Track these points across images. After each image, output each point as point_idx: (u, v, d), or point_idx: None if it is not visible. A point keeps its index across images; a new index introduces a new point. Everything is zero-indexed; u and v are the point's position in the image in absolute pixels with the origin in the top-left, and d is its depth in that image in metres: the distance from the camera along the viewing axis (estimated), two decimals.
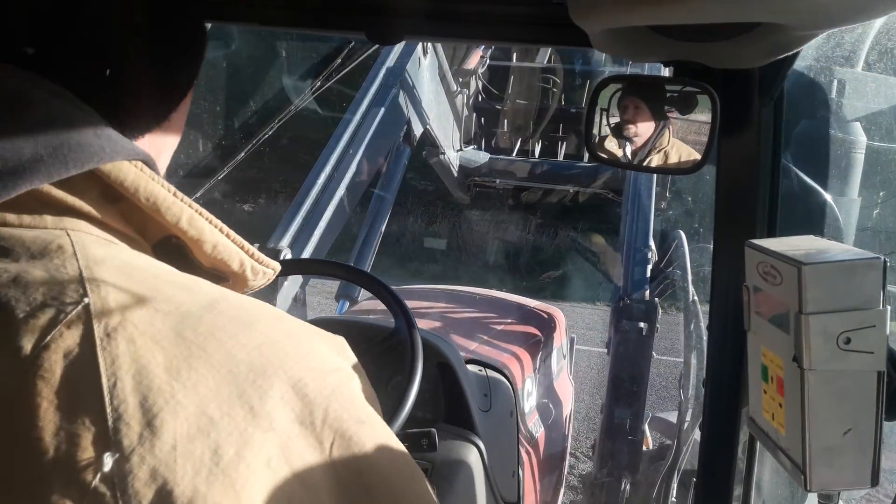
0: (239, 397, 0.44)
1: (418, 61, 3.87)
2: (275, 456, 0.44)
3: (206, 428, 0.41)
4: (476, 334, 2.56)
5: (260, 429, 0.44)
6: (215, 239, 0.55)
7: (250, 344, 0.47)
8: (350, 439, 0.49)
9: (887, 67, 1.78)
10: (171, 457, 0.40)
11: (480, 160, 5.22)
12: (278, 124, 3.91)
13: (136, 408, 0.40)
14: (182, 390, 0.42)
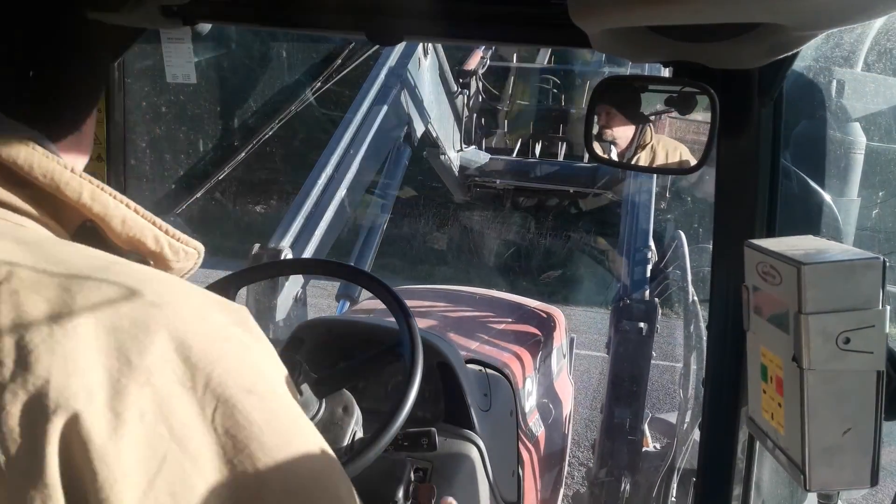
0: (118, 349, 0.44)
1: (419, 62, 3.87)
2: (149, 411, 0.44)
3: (81, 370, 0.42)
4: (476, 334, 2.57)
5: (136, 382, 0.44)
6: (122, 213, 0.55)
7: (139, 301, 0.47)
8: (234, 407, 0.47)
9: (886, 68, 1.78)
10: (41, 392, 0.40)
11: (481, 160, 5.22)
12: (278, 125, 3.91)
13: (11, 347, 0.41)
14: (61, 331, 0.42)
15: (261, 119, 4.18)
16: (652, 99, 1.32)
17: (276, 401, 0.51)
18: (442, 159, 4.65)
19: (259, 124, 4.06)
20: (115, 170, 1.68)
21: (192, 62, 1.68)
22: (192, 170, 6.99)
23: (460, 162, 5.00)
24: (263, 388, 0.51)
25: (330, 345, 1.86)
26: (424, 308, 2.83)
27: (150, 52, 1.96)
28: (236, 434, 0.47)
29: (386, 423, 1.24)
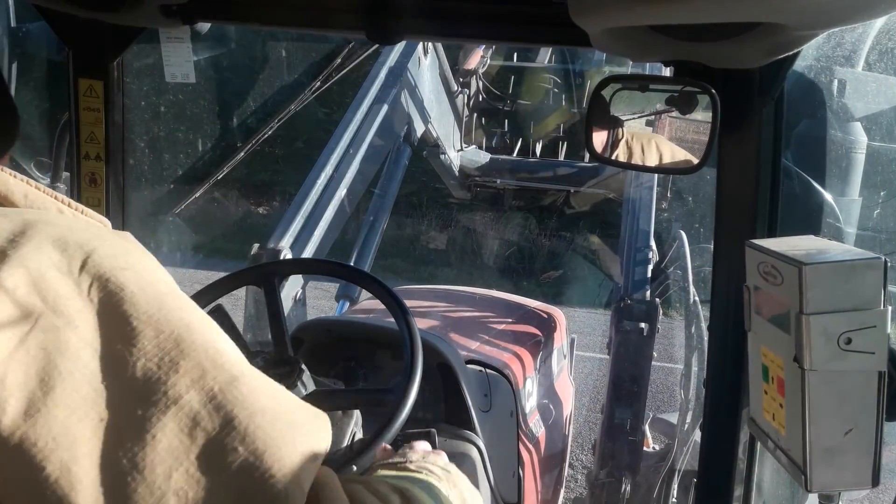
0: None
1: (419, 61, 3.87)
2: (22, 285, 0.49)
3: None
4: (476, 334, 2.56)
5: (9, 266, 0.50)
6: (23, 189, 0.60)
7: (19, 217, 0.54)
8: (108, 280, 0.52)
9: (888, 67, 1.78)
10: None
11: (481, 160, 5.22)
12: (278, 124, 3.91)
13: None
14: None
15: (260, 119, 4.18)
16: (653, 98, 1.32)
17: (151, 275, 0.56)
18: (442, 159, 4.64)
19: (258, 124, 4.06)
20: (113, 169, 1.67)
21: (192, 62, 1.68)
22: (191, 170, 6.99)
23: (460, 161, 4.99)
24: (139, 268, 0.56)
25: (329, 345, 1.86)
26: (424, 308, 2.82)
27: (149, 51, 1.96)
28: (109, 300, 0.52)
29: (385, 425, 1.24)
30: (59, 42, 1.60)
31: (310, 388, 1.31)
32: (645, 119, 1.36)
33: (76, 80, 1.60)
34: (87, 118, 1.63)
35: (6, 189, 0.59)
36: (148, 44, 1.68)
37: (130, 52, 1.61)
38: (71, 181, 1.69)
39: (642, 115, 1.35)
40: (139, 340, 0.51)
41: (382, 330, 1.84)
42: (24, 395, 0.46)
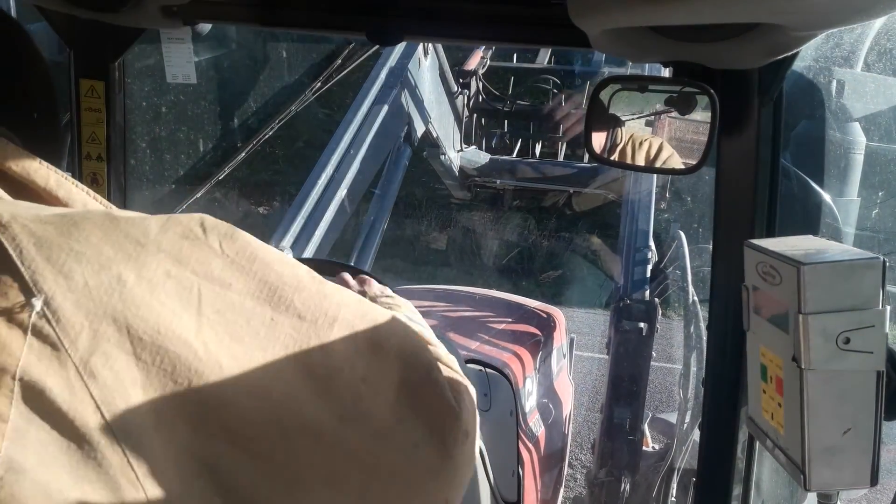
0: (126, 237, 0.54)
1: (419, 62, 3.87)
2: (172, 267, 0.54)
3: (106, 263, 0.51)
4: (476, 334, 2.56)
5: (149, 253, 0.54)
6: (83, 199, 0.63)
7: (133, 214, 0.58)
8: (233, 236, 0.59)
9: (886, 68, 1.78)
10: (85, 289, 0.50)
11: (481, 160, 5.22)
12: (278, 125, 3.91)
13: (44, 263, 0.50)
14: (77, 243, 0.51)
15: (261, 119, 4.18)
16: (652, 99, 1.32)
17: (260, 240, 0.62)
18: (442, 159, 4.64)
19: (259, 124, 4.06)
20: (115, 170, 1.68)
21: (193, 62, 1.68)
22: (192, 170, 6.99)
23: (460, 162, 4.99)
24: (248, 234, 0.61)
25: None
26: (424, 308, 2.82)
27: (150, 51, 1.96)
28: (242, 253, 0.58)
29: None
30: (59, 43, 1.60)
31: None
32: (644, 120, 1.36)
33: (77, 81, 1.61)
34: (88, 119, 1.63)
35: (68, 197, 0.63)
36: (149, 44, 1.69)
37: (132, 52, 1.62)
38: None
39: (641, 115, 1.36)
40: (281, 286, 0.60)
41: None
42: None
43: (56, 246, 0.51)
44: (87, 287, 0.50)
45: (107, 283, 0.51)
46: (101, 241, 0.52)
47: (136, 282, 0.52)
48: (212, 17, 1.51)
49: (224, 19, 1.53)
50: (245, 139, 3.89)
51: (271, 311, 0.58)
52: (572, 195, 5.43)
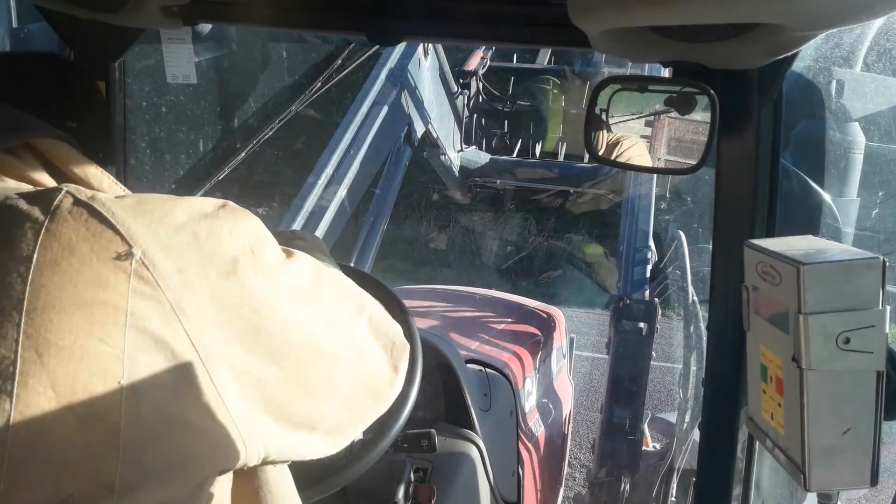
0: (190, 206, 0.66)
1: (419, 62, 3.87)
2: (234, 226, 0.68)
3: (182, 225, 0.63)
4: (476, 334, 2.57)
5: (213, 218, 0.66)
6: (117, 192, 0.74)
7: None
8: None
9: (886, 68, 1.78)
10: (170, 244, 0.62)
11: (481, 161, 5.22)
12: (278, 125, 3.91)
13: (134, 224, 0.60)
14: (153, 211, 0.63)
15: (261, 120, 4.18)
16: (651, 99, 1.32)
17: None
18: (442, 160, 4.64)
19: (259, 125, 4.06)
20: (115, 170, 1.68)
21: (193, 62, 1.68)
22: (192, 170, 6.99)
23: (461, 162, 4.99)
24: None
25: None
26: (424, 308, 2.83)
27: (150, 52, 1.96)
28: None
29: (385, 425, 1.24)
30: (60, 43, 1.61)
31: None
32: (644, 120, 1.37)
33: None
34: None
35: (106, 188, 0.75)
36: (149, 45, 1.69)
37: (132, 53, 1.62)
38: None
39: (641, 115, 1.36)
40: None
41: None
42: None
43: (139, 212, 0.62)
44: (171, 243, 0.61)
45: (185, 239, 0.63)
46: (172, 209, 0.64)
47: (206, 238, 0.64)
48: (212, 17, 1.51)
49: (224, 19, 1.53)
50: (245, 140, 3.88)
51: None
52: (571, 194, 5.43)
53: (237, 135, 6.89)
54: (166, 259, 0.60)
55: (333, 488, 1.21)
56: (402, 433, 1.34)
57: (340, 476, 1.21)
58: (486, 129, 5.69)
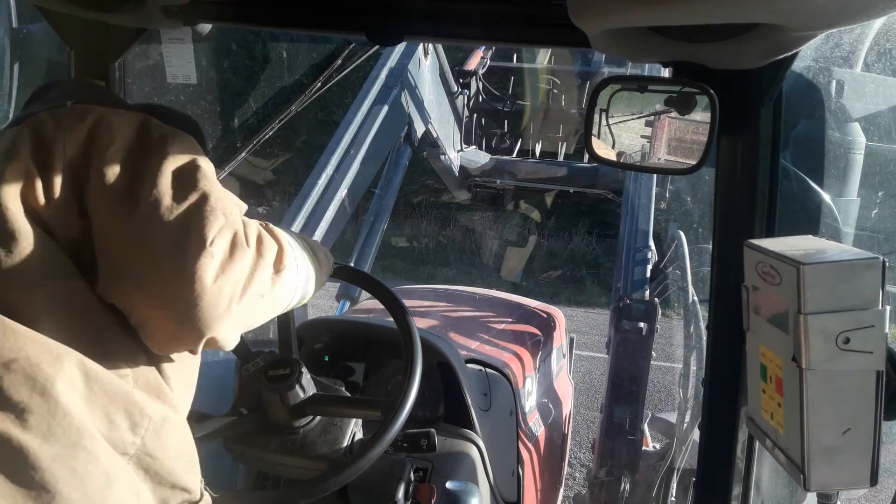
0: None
1: (419, 62, 3.87)
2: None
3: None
4: (476, 334, 2.57)
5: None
6: None
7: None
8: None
9: (886, 68, 1.78)
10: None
11: (481, 160, 5.22)
12: (278, 125, 3.91)
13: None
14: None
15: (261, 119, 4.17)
16: (651, 99, 1.32)
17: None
18: (442, 159, 4.64)
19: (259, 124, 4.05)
20: None
21: (193, 62, 1.68)
22: None
23: (460, 162, 4.99)
24: None
25: (330, 345, 1.86)
26: (424, 308, 2.83)
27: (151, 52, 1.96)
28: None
29: (385, 424, 1.24)
30: (60, 43, 1.61)
31: (309, 390, 1.31)
32: (644, 120, 1.37)
33: None
34: None
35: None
36: (149, 45, 1.69)
37: (132, 52, 1.62)
38: None
39: (641, 115, 1.36)
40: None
41: (382, 330, 1.84)
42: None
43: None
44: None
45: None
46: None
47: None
48: (212, 17, 1.51)
49: (224, 19, 1.53)
50: (245, 139, 3.88)
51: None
52: (571, 194, 5.43)
53: (237, 134, 6.88)
54: None
55: (334, 487, 1.21)
56: (402, 433, 1.34)
57: (341, 475, 1.21)
58: (486, 129, 5.69)
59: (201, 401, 1.47)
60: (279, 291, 0.96)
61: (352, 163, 3.19)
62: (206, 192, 0.86)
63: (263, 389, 1.29)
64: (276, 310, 1.02)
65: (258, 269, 0.89)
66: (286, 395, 1.27)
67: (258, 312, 0.94)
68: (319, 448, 1.30)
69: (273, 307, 0.99)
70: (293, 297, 1.07)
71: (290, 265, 0.99)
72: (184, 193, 0.85)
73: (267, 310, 0.97)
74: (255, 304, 0.89)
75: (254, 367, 1.33)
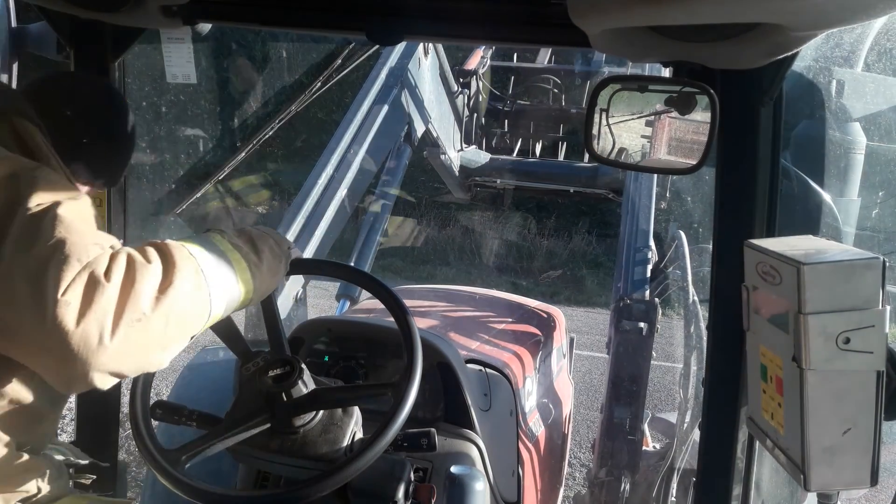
0: None
1: (419, 62, 3.87)
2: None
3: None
4: (476, 334, 2.56)
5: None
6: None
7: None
8: None
9: (887, 68, 1.78)
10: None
11: (481, 160, 5.21)
12: (279, 124, 3.91)
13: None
14: None
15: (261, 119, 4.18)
16: (652, 99, 1.32)
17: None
18: (442, 159, 4.64)
19: (259, 124, 4.06)
20: None
21: (193, 62, 1.68)
22: (192, 170, 6.99)
23: (461, 162, 4.99)
24: None
25: (330, 345, 1.86)
26: (424, 308, 2.83)
27: (150, 52, 1.96)
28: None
29: (385, 424, 1.24)
30: (60, 42, 1.60)
31: (310, 387, 1.31)
32: (644, 119, 1.36)
33: None
34: None
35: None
36: (149, 44, 1.69)
37: (132, 52, 1.62)
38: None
39: (641, 115, 1.36)
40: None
41: (382, 330, 1.84)
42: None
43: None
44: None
45: None
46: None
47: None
48: (212, 17, 1.51)
49: (224, 19, 1.53)
50: (245, 139, 3.88)
51: None
52: (571, 194, 5.42)
53: (237, 134, 6.89)
54: None
55: (334, 487, 1.21)
56: (403, 432, 1.34)
57: (341, 475, 1.21)
58: (486, 129, 5.68)
59: (202, 401, 1.47)
60: (172, 307, 0.98)
61: (352, 162, 3.19)
62: (61, 240, 0.92)
63: (264, 389, 1.28)
64: (185, 323, 1.04)
65: (131, 298, 0.93)
66: (289, 392, 1.27)
67: (149, 333, 0.96)
68: (319, 448, 1.30)
69: (174, 322, 1.00)
70: (205, 306, 1.08)
71: (186, 278, 1.01)
72: (39, 247, 0.91)
73: (164, 327, 0.98)
74: (136, 328, 0.93)
75: (254, 367, 1.33)
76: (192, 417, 1.35)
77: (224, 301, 1.12)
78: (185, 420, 1.35)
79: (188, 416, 1.35)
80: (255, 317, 2.57)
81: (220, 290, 1.11)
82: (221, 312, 1.14)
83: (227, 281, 1.13)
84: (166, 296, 0.97)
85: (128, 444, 2.14)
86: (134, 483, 3.08)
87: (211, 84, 6.74)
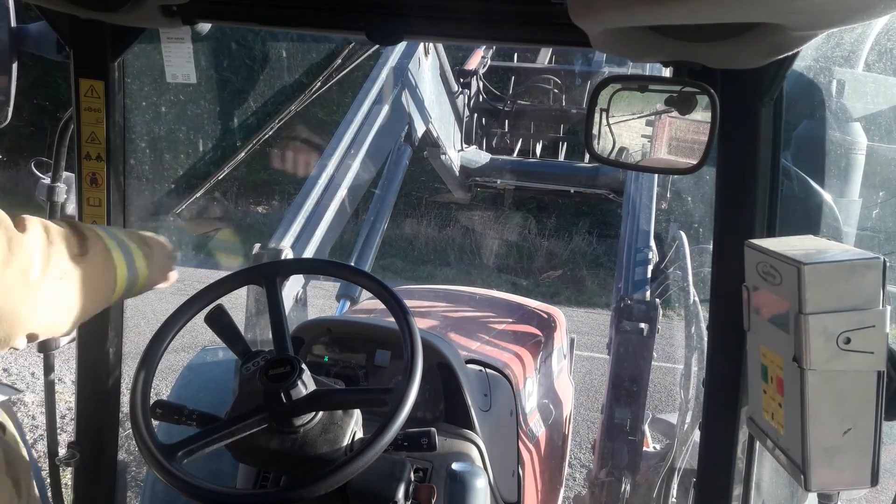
0: None
1: (419, 61, 3.87)
2: None
3: None
4: (476, 334, 2.56)
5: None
6: None
7: None
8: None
9: (887, 67, 1.78)
10: None
11: (482, 160, 5.21)
12: (278, 124, 3.91)
13: None
14: None
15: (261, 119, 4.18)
16: (652, 98, 1.32)
17: None
18: (443, 159, 4.64)
19: (259, 124, 4.06)
20: (114, 169, 1.68)
21: (192, 62, 1.68)
22: (191, 170, 6.99)
23: (461, 162, 4.99)
24: None
25: (330, 345, 1.86)
26: (424, 308, 2.83)
27: (150, 52, 1.96)
28: None
29: (385, 424, 1.24)
30: (60, 42, 1.60)
31: (310, 388, 1.31)
32: (644, 119, 1.36)
33: (77, 81, 1.61)
34: (87, 118, 1.63)
35: None
36: (149, 44, 1.69)
37: (131, 52, 1.62)
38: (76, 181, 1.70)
39: (641, 115, 1.35)
40: None
41: (382, 330, 1.84)
42: None
43: None
44: None
45: None
46: None
47: None
48: (212, 16, 1.51)
49: (224, 19, 1.53)
50: (245, 139, 3.88)
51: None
52: (571, 194, 5.42)
53: (237, 134, 6.89)
54: None
55: (334, 486, 1.21)
56: (402, 432, 1.34)
57: (340, 474, 1.21)
58: (486, 129, 5.68)
59: (202, 401, 1.47)
60: (90, 271, 1.15)
61: (352, 162, 3.19)
62: None
63: (264, 389, 1.28)
64: (98, 287, 1.20)
65: (52, 254, 1.07)
66: (289, 392, 1.27)
67: (71, 291, 1.11)
68: (319, 447, 1.30)
69: (90, 285, 1.15)
70: (115, 276, 1.25)
71: (97, 251, 1.19)
72: None
73: (82, 287, 1.13)
74: (59, 283, 1.08)
75: (254, 367, 1.33)
76: (192, 417, 1.35)
77: (129, 275, 1.29)
78: (185, 420, 1.35)
79: (188, 416, 1.35)
80: (255, 316, 2.56)
81: (124, 270, 1.28)
82: (124, 285, 1.30)
83: (129, 264, 1.30)
84: (86, 259, 1.13)
85: (128, 443, 2.14)
86: (134, 483, 3.08)
87: (211, 84, 6.74)
